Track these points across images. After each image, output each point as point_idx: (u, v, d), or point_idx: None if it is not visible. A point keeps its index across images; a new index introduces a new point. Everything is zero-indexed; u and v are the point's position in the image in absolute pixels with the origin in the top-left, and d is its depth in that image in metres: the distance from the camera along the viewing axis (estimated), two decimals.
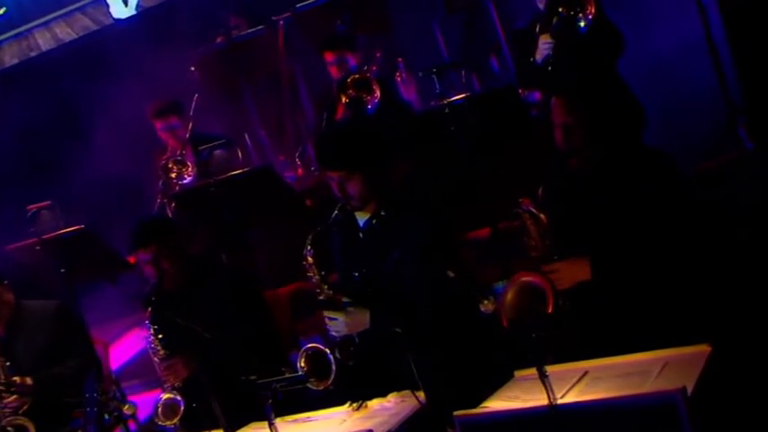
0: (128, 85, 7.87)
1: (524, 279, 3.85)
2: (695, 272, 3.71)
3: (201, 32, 8.24)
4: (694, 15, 6.48)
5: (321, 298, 4.37)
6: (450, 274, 4.02)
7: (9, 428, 4.88)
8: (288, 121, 8.12)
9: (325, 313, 4.31)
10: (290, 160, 7.56)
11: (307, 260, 4.39)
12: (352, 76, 6.44)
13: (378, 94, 6.31)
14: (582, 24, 5.55)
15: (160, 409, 4.60)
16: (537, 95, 6.12)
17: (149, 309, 4.74)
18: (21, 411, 5.00)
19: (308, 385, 4.07)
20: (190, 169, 6.74)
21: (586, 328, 3.81)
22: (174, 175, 6.77)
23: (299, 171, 7.44)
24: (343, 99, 6.42)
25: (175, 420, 4.57)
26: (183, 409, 4.59)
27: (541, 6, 6.01)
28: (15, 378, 5.08)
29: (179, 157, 6.80)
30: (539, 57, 5.89)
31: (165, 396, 4.64)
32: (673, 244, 3.71)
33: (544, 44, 5.82)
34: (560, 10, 5.59)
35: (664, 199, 3.74)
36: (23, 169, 8.28)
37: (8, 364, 5.10)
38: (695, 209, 3.77)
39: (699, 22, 6.47)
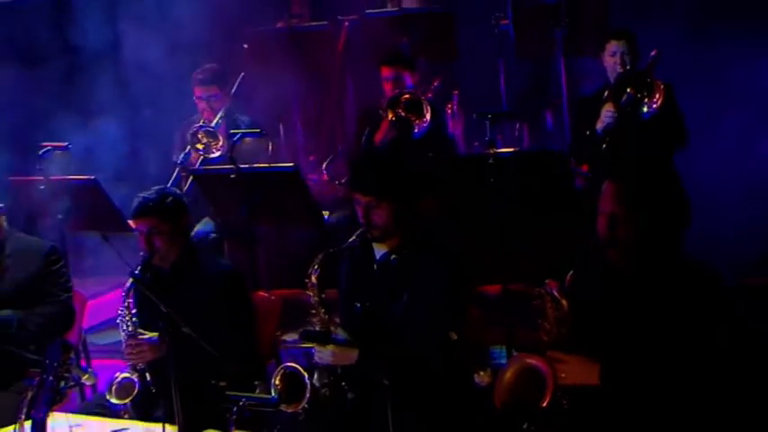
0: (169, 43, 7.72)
1: (527, 361, 3.70)
2: (719, 401, 3.54)
3: (261, 11, 8.15)
4: None
5: (314, 320, 4.27)
6: (453, 335, 3.89)
7: None
8: (327, 123, 8.05)
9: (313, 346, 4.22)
10: (319, 162, 7.50)
11: (311, 279, 4.30)
12: (405, 95, 6.36)
13: (428, 119, 6.28)
14: (645, 110, 5.61)
15: (114, 386, 4.52)
16: (585, 167, 6.07)
17: (130, 280, 4.59)
18: None
19: None
20: (220, 143, 6.59)
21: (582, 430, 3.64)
22: (201, 147, 6.63)
23: (324, 176, 7.36)
24: (390, 116, 6.33)
25: (126, 401, 4.48)
26: (138, 393, 4.50)
27: (611, 78, 5.99)
28: None
29: (211, 128, 6.67)
30: (599, 125, 5.85)
31: (122, 375, 4.55)
32: (697, 366, 3.54)
33: (607, 113, 5.79)
34: (629, 90, 5.61)
35: (700, 317, 3.58)
36: (60, 107, 8.12)
37: None
38: (732, 333, 3.59)
39: None
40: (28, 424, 3.67)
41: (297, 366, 4.11)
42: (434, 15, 7.69)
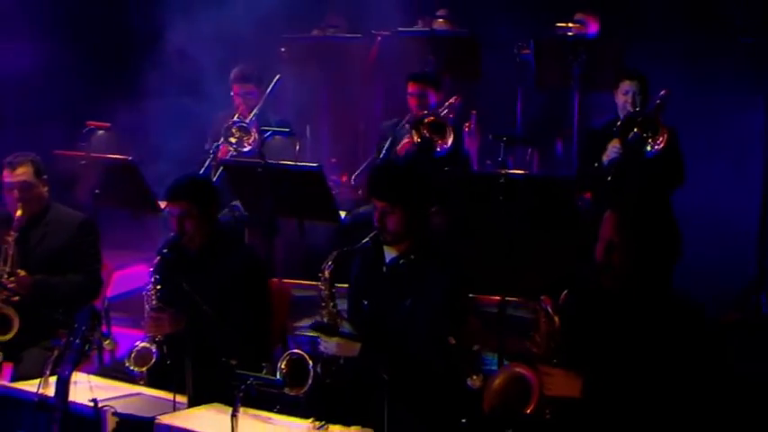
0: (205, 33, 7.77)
1: (517, 369, 3.76)
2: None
3: (300, 17, 8.23)
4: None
5: (323, 312, 4.34)
6: (452, 340, 3.96)
7: None
8: (351, 129, 8.12)
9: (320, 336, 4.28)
10: (340, 165, 7.55)
11: (323, 274, 4.36)
12: (429, 117, 6.41)
13: (449, 141, 6.31)
14: (648, 149, 5.69)
15: (133, 355, 4.62)
16: (587, 194, 6.15)
17: (158, 258, 4.71)
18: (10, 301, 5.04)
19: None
20: (252, 139, 6.62)
21: None
22: (233, 140, 6.69)
23: (343, 178, 7.40)
24: (415, 137, 6.38)
25: (144, 369, 4.58)
26: (155, 362, 4.59)
27: (621, 115, 6.06)
28: (19, 270, 5.10)
29: (245, 124, 6.72)
30: (606, 158, 5.93)
31: (142, 344, 4.64)
32: (676, 393, 3.60)
33: (613, 148, 5.88)
34: (636, 129, 5.69)
35: (682, 347, 3.62)
36: (109, 89, 8.19)
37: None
38: (709, 366, 3.65)
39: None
40: (53, 379, 3.78)
41: (303, 353, 4.19)
42: (460, 39, 7.77)
